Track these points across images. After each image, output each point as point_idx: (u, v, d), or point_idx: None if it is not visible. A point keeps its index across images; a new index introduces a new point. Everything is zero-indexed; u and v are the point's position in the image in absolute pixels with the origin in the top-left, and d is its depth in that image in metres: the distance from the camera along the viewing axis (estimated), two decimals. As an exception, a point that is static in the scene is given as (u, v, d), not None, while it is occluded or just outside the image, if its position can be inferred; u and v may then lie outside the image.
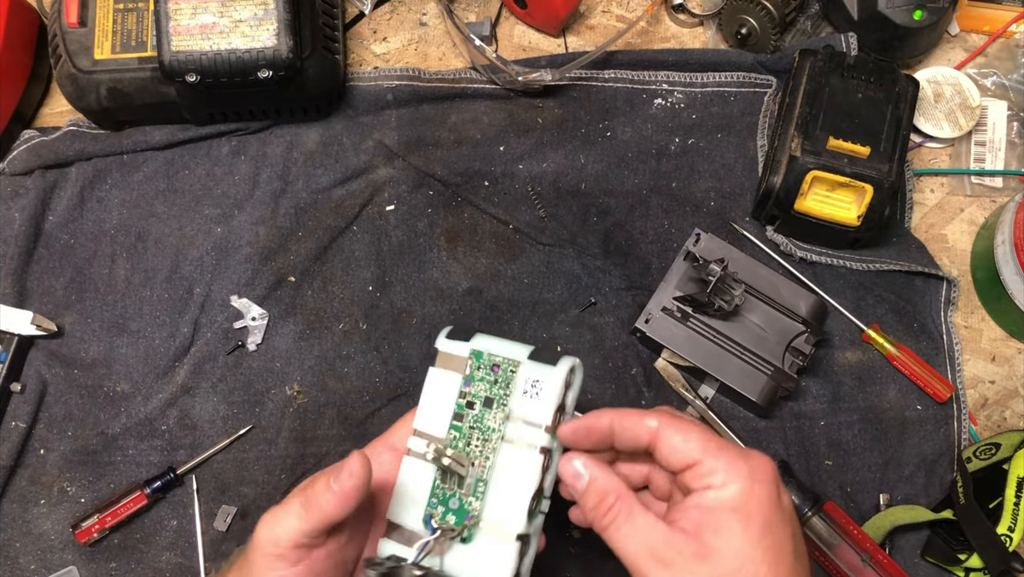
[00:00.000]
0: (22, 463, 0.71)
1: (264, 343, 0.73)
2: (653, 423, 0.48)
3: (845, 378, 0.73)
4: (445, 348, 0.52)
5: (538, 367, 0.50)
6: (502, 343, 0.52)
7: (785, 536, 0.45)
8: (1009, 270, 0.73)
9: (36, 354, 0.73)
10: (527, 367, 0.51)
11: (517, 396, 0.50)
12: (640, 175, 0.78)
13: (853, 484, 0.72)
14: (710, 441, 0.47)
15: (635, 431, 0.48)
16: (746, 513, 0.44)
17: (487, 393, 0.51)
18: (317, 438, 0.72)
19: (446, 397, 0.52)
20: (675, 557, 0.44)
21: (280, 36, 0.68)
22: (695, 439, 0.47)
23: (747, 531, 0.44)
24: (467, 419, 0.51)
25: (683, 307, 0.72)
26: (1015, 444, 0.69)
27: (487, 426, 0.50)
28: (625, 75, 0.79)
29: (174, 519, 0.70)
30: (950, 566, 0.69)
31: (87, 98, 0.72)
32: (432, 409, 0.52)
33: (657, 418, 0.48)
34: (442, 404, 0.52)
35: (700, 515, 0.45)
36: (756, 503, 0.45)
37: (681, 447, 0.46)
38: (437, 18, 0.83)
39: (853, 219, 0.71)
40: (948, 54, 0.84)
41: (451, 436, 0.51)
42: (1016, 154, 0.81)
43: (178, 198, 0.76)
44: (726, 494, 0.45)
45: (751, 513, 0.44)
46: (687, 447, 0.46)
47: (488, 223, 0.77)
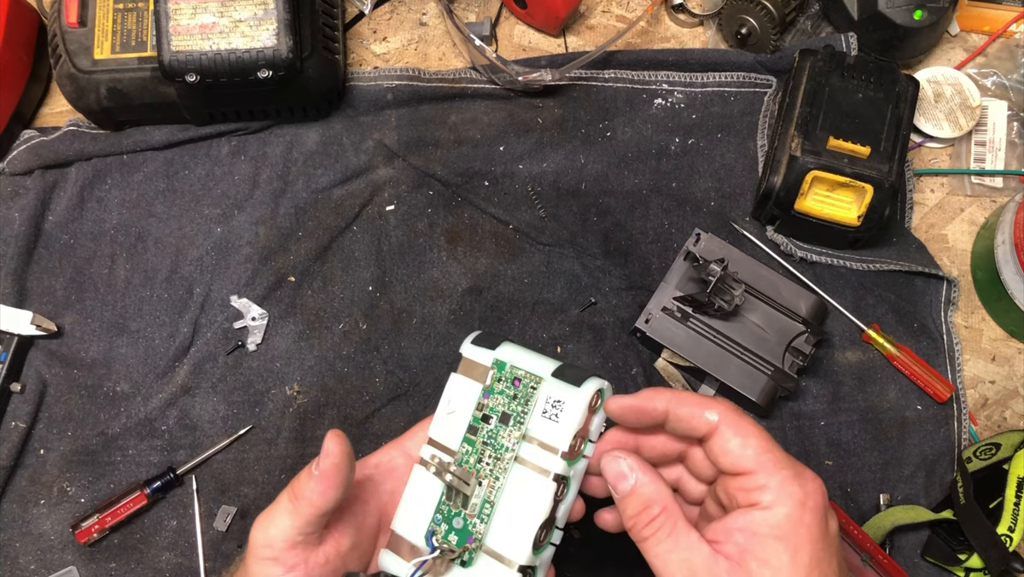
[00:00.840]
0: (22, 463, 0.71)
1: (264, 343, 0.73)
2: (714, 417, 0.45)
3: (845, 378, 0.73)
4: (469, 354, 0.50)
5: (562, 386, 0.47)
6: (529, 355, 0.49)
7: (831, 570, 0.43)
8: (1009, 270, 0.73)
9: (36, 354, 0.73)
10: (549, 385, 0.47)
11: (536, 415, 0.47)
12: (640, 175, 0.78)
13: (853, 484, 0.72)
14: (768, 452, 0.44)
15: (692, 422, 0.45)
16: (794, 544, 0.42)
17: (505, 408, 0.48)
18: (317, 438, 0.72)
19: (464, 407, 0.49)
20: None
21: (280, 36, 0.68)
22: (753, 446, 0.44)
23: (794, 564, 0.41)
24: (481, 433, 0.48)
25: (683, 307, 0.72)
26: (1015, 444, 0.69)
27: (500, 444, 0.48)
28: (625, 75, 0.80)
29: (174, 519, 0.70)
30: (950, 566, 0.69)
31: (87, 98, 0.72)
32: (448, 418, 0.49)
33: (718, 412, 0.45)
34: (459, 414, 0.49)
35: (746, 540, 0.42)
36: (806, 532, 0.42)
37: (737, 451, 0.44)
38: (437, 18, 0.83)
39: (853, 219, 0.71)
40: (948, 54, 0.84)
41: (463, 449, 0.48)
42: (1016, 154, 0.81)
43: (178, 198, 0.76)
44: (774, 519, 0.42)
45: (799, 545, 0.42)
46: (744, 453, 0.44)
47: (488, 223, 0.77)
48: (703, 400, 0.46)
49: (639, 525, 0.44)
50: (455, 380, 0.50)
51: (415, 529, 0.49)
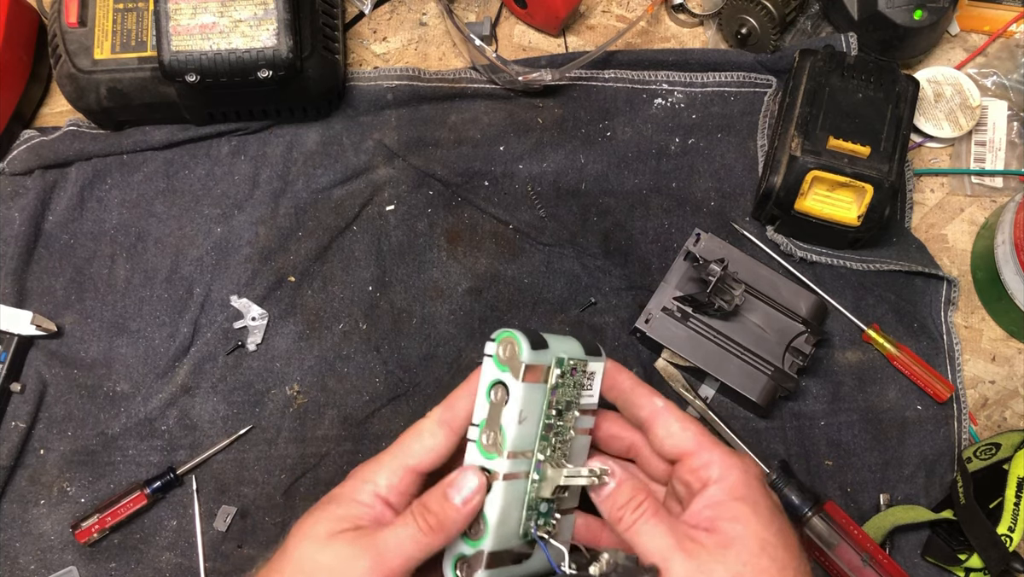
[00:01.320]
0: (22, 463, 0.71)
1: (264, 343, 0.73)
2: (660, 403, 0.50)
3: (845, 378, 0.73)
4: (534, 360, 0.49)
5: (592, 361, 0.52)
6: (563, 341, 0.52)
7: (787, 527, 0.48)
8: (1009, 270, 0.73)
9: (36, 354, 0.73)
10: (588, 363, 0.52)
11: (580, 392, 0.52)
12: (640, 175, 0.78)
13: (853, 484, 0.72)
14: (704, 435, 0.49)
15: (640, 402, 0.51)
16: (752, 501, 0.47)
17: (569, 397, 0.51)
18: (317, 438, 0.72)
19: (534, 411, 0.50)
20: (699, 549, 0.45)
21: (280, 36, 0.68)
22: (692, 430, 0.49)
23: (758, 517, 0.46)
24: (554, 428, 0.50)
25: (683, 307, 0.72)
26: (1015, 444, 0.69)
27: (567, 428, 0.51)
28: (625, 75, 0.79)
29: (174, 519, 0.70)
30: (950, 566, 0.69)
31: (87, 98, 0.72)
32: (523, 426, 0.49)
33: (665, 402, 0.50)
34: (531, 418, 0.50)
35: (712, 511, 0.47)
36: (758, 491, 0.47)
37: (678, 433, 0.49)
38: (437, 18, 0.83)
39: (853, 219, 0.71)
40: (948, 54, 0.84)
41: (541, 446, 0.50)
42: (1016, 154, 0.81)
43: (178, 198, 0.76)
44: (728, 484, 0.47)
45: (756, 501, 0.47)
46: (684, 435, 0.49)
47: (488, 223, 0.77)
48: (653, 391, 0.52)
49: (628, 513, 0.48)
50: (523, 389, 0.49)
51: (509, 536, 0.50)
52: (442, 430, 0.50)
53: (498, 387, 0.49)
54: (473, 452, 0.49)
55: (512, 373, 0.49)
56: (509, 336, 0.49)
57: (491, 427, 0.49)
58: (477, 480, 0.47)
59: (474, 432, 0.49)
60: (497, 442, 0.49)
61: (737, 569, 0.44)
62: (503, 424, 0.49)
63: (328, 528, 0.47)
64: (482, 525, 0.48)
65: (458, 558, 0.48)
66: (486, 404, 0.49)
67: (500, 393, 0.49)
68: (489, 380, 0.50)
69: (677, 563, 0.45)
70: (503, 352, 0.49)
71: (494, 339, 0.50)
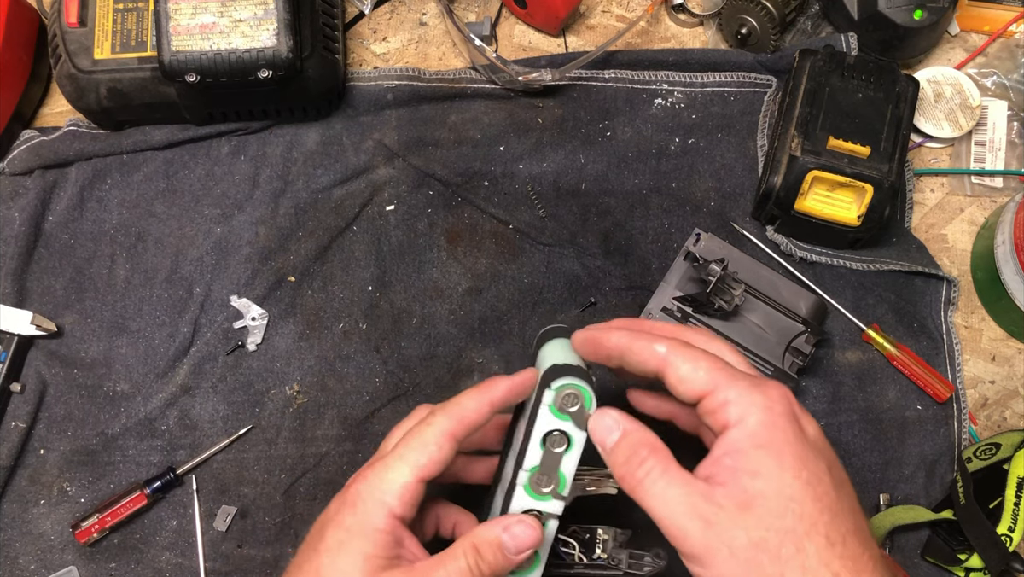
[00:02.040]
0: (22, 463, 0.71)
1: (264, 343, 0.73)
2: (662, 349, 0.45)
3: (845, 378, 0.73)
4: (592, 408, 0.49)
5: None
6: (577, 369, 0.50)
7: (820, 468, 0.43)
8: (1009, 270, 0.73)
9: (36, 354, 0.73)
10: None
11: None
12: (640, 175, 0.78)
13: (853, 484, 0.71)
14: (721, 370, 0.44)
15: (643, 355, 0.46)
16: (776, 449, 0.42)
17: None
18: (317, 438, 0.72)
19: None
20: (717, 513, 0.41)
21: (280, 36, 0.68)
22: (704, 368, 0.44)
23: (781, 467, 0.41)
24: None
25: (683, 307, 0.72)
26: (1015, 444, 0.69)
27: None
28: (625, 75, 0.79)
29: (174, 519, 0.70)
30: (950, 566, 0.69)
31: (87, 98, 0.72)
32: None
33: (667, 344, 0.45)
34: None
35: (732, 460, 0.42)
36: (781, 435, 0.42)
37: (689, 376, 0.44)
38: (437, 18, 0.83)
39: (853, 219, 0.71)
40: (948, 54, 0.84)
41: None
42: (1016, 154, 0.81)
43: (178, 198, 0.76)
44: (748, 429, 0.42)
45: (780, 448, 0.42)
46: (696, 376, 0.44)
47: (488, 223, 0.77)
48: (654, 336, 0.46)
49: (631, 470, 0.44)
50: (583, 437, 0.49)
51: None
52: (449, 443, 0.48)
53: (557, 435, 0.49)
54: (522, 495, 0.49)
55: (576, 424, 0.48)
56: (574, 388, 0.48)
57: (546, 472, 0.49)
58: (532, 532, 0.46)
59: (523, 477, 0.49)
60: (552, 487, 0.49)
61: (760, 534, 0.40)
62: (563, 471, 0.48)
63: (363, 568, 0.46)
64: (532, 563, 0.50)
65: None
66: (540, 450, 0.49)
67: (559, 440, 0.49)
68: (546, 429, 0.49)
69: (693, 532, 0.41)
70: (564, 402, 0.48)
71: (552, 388, 0.48)
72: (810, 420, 0.45)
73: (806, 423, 0.44)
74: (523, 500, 0.49)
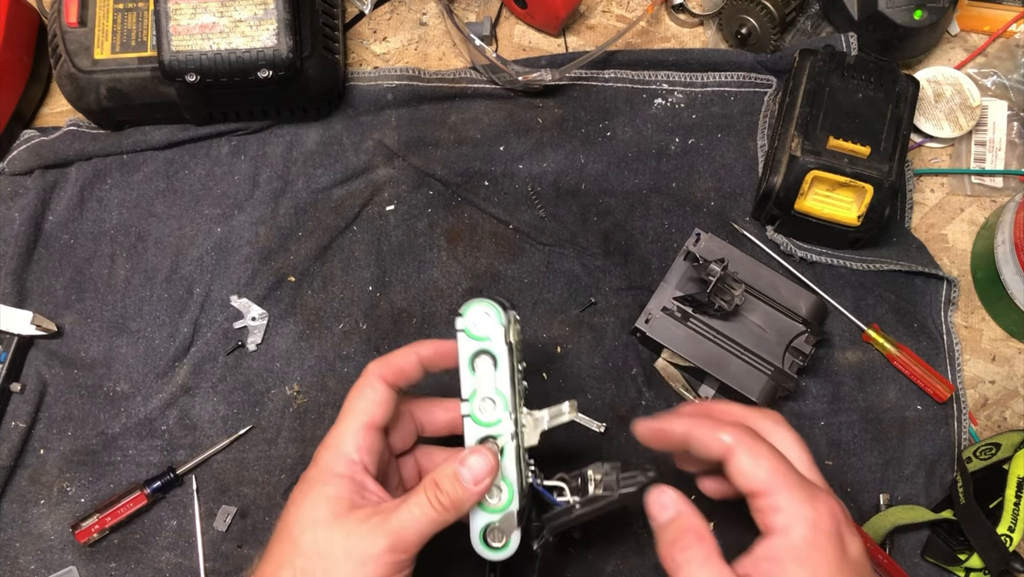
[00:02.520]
0: (22, 463, 0.71)
1: (264, 343, 0.73)
2: (727, 439, 0.47)
3: (845, 378, 0.73)
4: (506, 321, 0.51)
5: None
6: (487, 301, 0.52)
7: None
8: (1009, 270, 0.73)
9: (36, 354, 0.73)
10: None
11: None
12: (640, 175, 0.78)
13: (853, 484, 0.72)
14: (779, 472, 0.45)
15: (708, 444, 0.48)
16: (812, 568, 0.43)
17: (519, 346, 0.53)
18: (317, 438, 0.72)
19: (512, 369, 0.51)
20: None
21: (280, 36, 0.68)
22: (765, 466, 0.46)
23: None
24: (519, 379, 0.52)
25: (683, 307, 0.72)
26: (1015, 444, 0.69)
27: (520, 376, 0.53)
28: (625, 75, 0.79)
29: (174, 519, 0.70)
30: (950, 566, 0.69)
31: (87, 98, 0.72)
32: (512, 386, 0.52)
33: (732, 435, 0.47)
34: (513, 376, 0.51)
35: (770, 567, 0.44)
36: (821, 556, 0.44)
37: (749, 471, 0.46)
38: (437, 18, 0.83)
39: (853, 219, 0.71)
40: (948, 54, 0.84)
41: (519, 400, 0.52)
42: (1016, 154, 0.81)
43: (178, 198, 0.76)
44: (791, 542, 0.44)
45: (817, 568, 0.43)
46: (755, 473, 0.46)
47: (488, 223, 0.77)
48: (720, 423, 0.48)
49: (675, 552, 0.46)
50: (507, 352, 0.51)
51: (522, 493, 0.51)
52: (380, 383, 0.52)
53: (482, 356, 0.51)
54: (471, 427, 0.51)
55: (494, 340, 0.50)
56: (482, 305, 0.51)
57: (484, 396, 0.51)
58: (486, 460, 0.48)
59: (466, 407, 0.51)
60: (495, 409, 0.50)
61: None
62: (499, 389, 0.50)
63: (329, 510, 0.48)
64: (504, 490, 0.50)
65: (485, 531, 0.50)
66: (471, 377, 0.51)
67: (486, 362, 0.51)
68: (470, 352, 0.51)
69: None
70: (477, 322, 0.51)
71: (462, 313, 0.51)
72: (854, 537, 0.46)
73: (849, 541, 0.46)
74: (474, 430, 0.51)
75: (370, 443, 0.51)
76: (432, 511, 0.48)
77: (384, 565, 0.47)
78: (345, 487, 0.49)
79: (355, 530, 0.47)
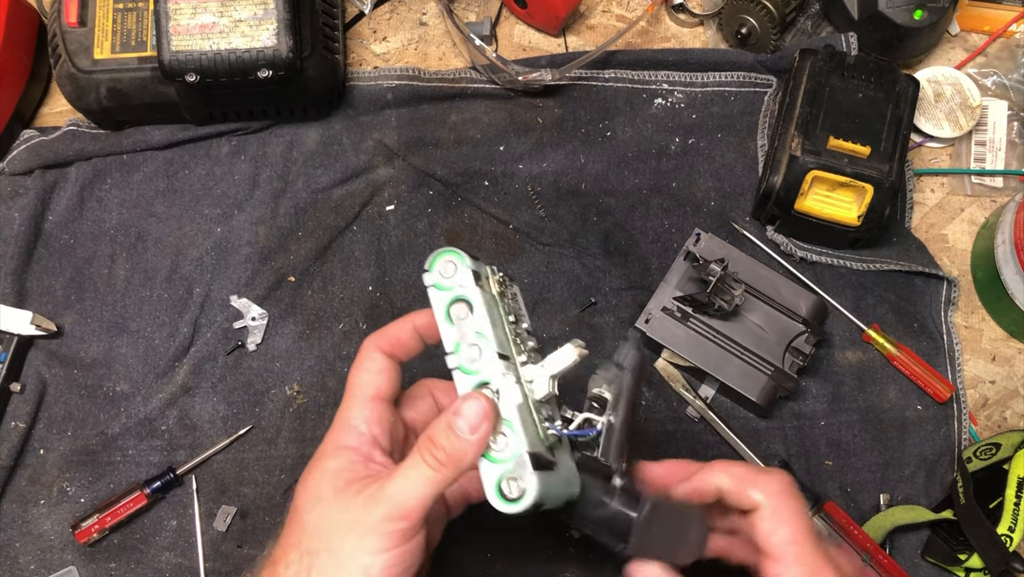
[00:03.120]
0: (22, 463, 0.71)
1: (264, 343, 0.73)
2: (758, 496, 0.48)
3: (845, 378, 0.73)
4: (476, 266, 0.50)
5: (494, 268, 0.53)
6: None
7: None
8: (1009, 270, 0.73)
9: (36, 354, 0.73)
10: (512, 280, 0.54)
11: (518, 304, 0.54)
12: (640, 175, 0.78)
13: (853, 484, 0.72)
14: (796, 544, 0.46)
15: (740, 499, 0.49)
16: None
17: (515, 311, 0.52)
18: (317, 438, 0.71)
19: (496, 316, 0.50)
20: None
21: (280, 36, 0.68)
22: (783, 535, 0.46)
23: None
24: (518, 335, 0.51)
25: (683, 307, 0.72)
26: (1015, 444, 0.69)
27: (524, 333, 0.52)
28: (625, 75, 0.79)
29: (174, 519, 0.70)
30: (950, 566, 0.69)
31: (87, 98, 0.72)
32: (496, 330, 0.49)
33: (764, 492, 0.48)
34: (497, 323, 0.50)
35: None
36: None
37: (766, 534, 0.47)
38: (437, 18, 0.83)
39: (853, 219, 0.71)
40: (948, 54, 0.84)
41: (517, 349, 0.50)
42: (1016, 154, 0.81)
43: (178, 198, 0.76)
44: None
45: None
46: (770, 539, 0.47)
47: (488, 223, 0.77)
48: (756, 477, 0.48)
49: None
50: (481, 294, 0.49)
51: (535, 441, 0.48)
52: (378, 353, 0.51)
53: (456, 305, 0.49)
54: (462, 379, 0.48)
55: (465, 286, 0.49)
56: (446, 255, 0.49)
57: (467, 343, 0.48)
58: (479, 403, 0.46)
59: (453, 360, 0.49)
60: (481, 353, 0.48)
61: None
62: (479, 330, 0.48)
63: (331, 484, 0.47)
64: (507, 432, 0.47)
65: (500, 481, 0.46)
66: (451, 328, 0.49)
67: (461, 309, 0.49)
68: (444, 304, 0.49)
69: None
70: (445, 273, 0.49)
71: (429, 268, 0.49)
72: None
73: None
74: (465, 381, 0.48)
75: (378, 414, 0.49)
76: (429, 470, 0.45)
77: (385, 536, 0.44)
78: (348, 459, 0.48)
79: (352, 503, 0.45)
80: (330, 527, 0.45)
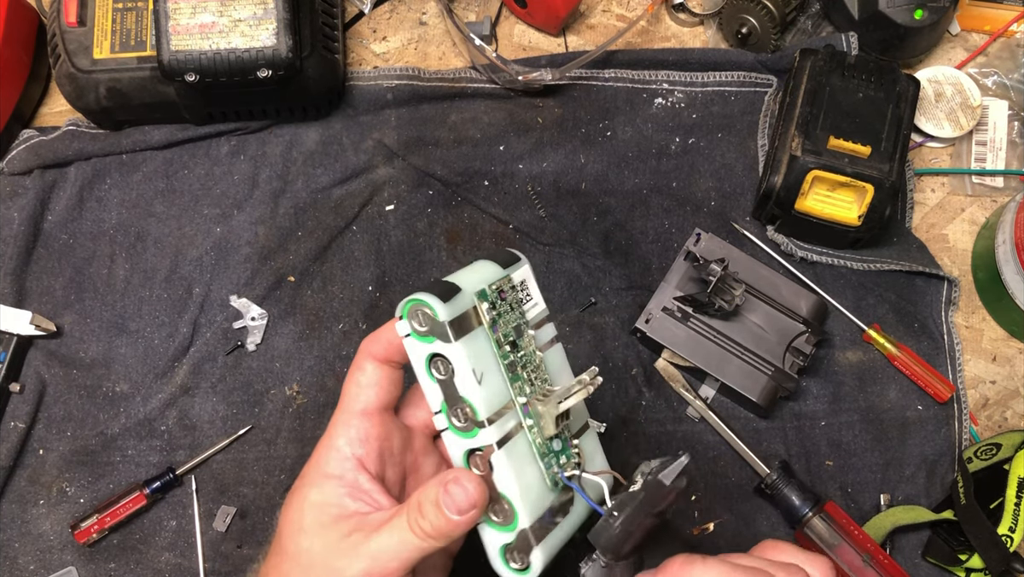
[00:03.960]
0: (21, 463, 0.71)
1: (264, 343, 0.73)
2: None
3: (846, 378, 0.73)
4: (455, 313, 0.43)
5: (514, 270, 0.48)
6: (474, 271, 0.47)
7: None
8: (1010, 270, 0.73)
9: (35, 354, 0.73)
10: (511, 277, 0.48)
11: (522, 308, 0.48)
12: (640, 175, 0.78)
13: (854, 484, 0.72)
14: None
15: None
16: None
17: (514, 322, 0.46)
18: (317, 438, 0.71)
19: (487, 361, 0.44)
20: None
21: (280, 35, 0.68)
22: None
23: None
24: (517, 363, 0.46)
25: (683, 307, 0.72)
26: (1016, 444, 0.69)
27: (530, 354, 0.47)
28: (625, 75, 0.79)
29: (173, 519, 0.70)
30: (951, 567, 0.69)
31: (86, 98, 0.72)
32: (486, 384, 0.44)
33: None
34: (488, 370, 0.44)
35: None
36: None
37: None
38: (437, 17, 0.83)
39: (854, 219, 0.71)
40: (949, 53, 0.84)
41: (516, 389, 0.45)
42: (1017, 154, 0.81)
43: (177, 198, 0.76)
44: None
45: None
46: None
47: (488, 223, 0.77)
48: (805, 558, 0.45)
49: None
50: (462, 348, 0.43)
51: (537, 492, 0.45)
52: (370, 363, 0.48)
53: (436, 360, 0.44)
54: (452, 440, 0.45)
55: (441, 339, 0.43)
56: (415, 304, 0.43)
57: (454, 405, 0.44)
58: (467, 491, 0.42)
59: (441, 421, 0.45)
60: (470, 416, 0.44)
61: None
62: (464, 396, 0.43)
63: (315, 518, 0.45)
64: (507, 506, 0.43)
65: (504, 550, 0.44)
66: (434, 385, 0.44)
67: (441, 366, 0.44)
68: (423, 359, 0.44)
69: None
70: (419, 323, 0.43)
71: (401, 316, 0.44)
72: None
73: None
74: (456, 443, 0.44)
75: (365, 432, 0.47)
76: (414, 537, 0.43)
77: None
78: (332, 491, 0.46)
79: (335, 546, 0.44)
80: (308, 561, 0.45)
